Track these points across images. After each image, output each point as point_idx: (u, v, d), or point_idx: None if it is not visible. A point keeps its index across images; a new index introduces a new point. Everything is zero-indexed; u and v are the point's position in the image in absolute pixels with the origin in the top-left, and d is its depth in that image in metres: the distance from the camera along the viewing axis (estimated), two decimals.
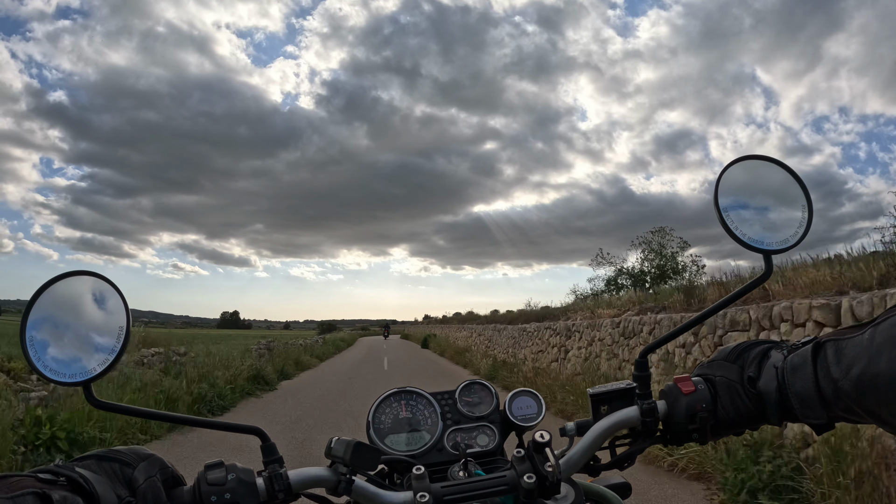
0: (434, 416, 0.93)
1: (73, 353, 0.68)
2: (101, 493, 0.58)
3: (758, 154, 0.76)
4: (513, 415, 0.92)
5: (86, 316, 0.70)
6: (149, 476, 0.63)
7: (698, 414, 0.72)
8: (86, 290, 0.70)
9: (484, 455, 0.90)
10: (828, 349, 0.64)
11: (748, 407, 0.71)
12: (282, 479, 0.68)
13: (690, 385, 0.74)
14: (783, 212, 0.75)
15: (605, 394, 0.79)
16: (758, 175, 0.76)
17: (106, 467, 0.63)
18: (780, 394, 0.68)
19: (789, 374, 0.67)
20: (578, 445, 0.77)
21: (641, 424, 0.76)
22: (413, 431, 0.91)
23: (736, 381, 0.72)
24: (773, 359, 0.71)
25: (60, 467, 0.58)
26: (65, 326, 0.69)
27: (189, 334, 28.38)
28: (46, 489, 0.53)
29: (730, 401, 0.72)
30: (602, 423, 0.76)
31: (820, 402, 0.64)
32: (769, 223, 0.74)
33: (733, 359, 0.74)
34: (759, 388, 0.70)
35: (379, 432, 0.91)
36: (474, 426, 0.93)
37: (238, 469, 0.66)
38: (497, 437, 0.92)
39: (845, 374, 0.61)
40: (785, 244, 0.73)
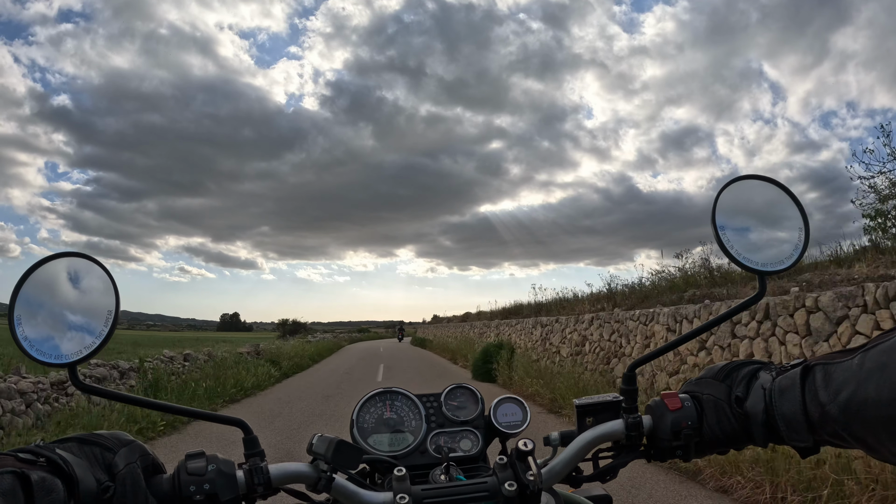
0: (418, 419, 0.92)
1: (60, 335, 0.67)
2: (80, 476, 0.58)
3: (756, 174, 0.76)
4: (497, 421, 0.92)
5: (75, 298, 0.69)
6: (129, 462, 0.63)
7: (683, 431, 0.72)
8: (76, 273, 0.70)
9: (466, 460, 0.89)
10: (817, 373, 0.64)
11: (734, 427, 0.71)
12: (262, 472, 0.67)
13: (677, 402, 0.74)
14: (779, 232, 0.75)
15: (591, 405, 0.78)
16: (755, 195, 0.76)
17: (87, 451, 0.63)
18: (767, 415, 0.68)
19: (777, 396, 0.67)
20: (561, 455, 0.76)
21: (626, 438, 0.76)
22: (396, 432, 0.91)
23: (723, 400, 0.72)
24: (762, 380, 0.71)
25: (41, 448, 0.58)
26: (53, 308, 0.68)
27: (181, 338, 27.40)
28: (26, 469, 0.53)
29: (716, 419, 0.72)
30: (586, 435, 0.76)
31: (806, 426, 0.64)
32: (765, 243, 0.74)
33: (722, 377, 0.74)
34: (745, 409, 0.70)
35: (362, 431, 0.90)
36: (458, 430, 0.92)
37: (219, 460, 0.66)
38: (480, 443, 0.91)
39: (833, 399, 0.61)
40: (780, 265, 0.73)
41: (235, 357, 14.70)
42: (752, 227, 0.75)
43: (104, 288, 0.69)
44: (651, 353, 0.79)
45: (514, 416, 0.93)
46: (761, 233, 0.75)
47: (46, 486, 0.54)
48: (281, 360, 16.37)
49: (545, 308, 16.36)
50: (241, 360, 14.41)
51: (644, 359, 0.79)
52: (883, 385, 0.55)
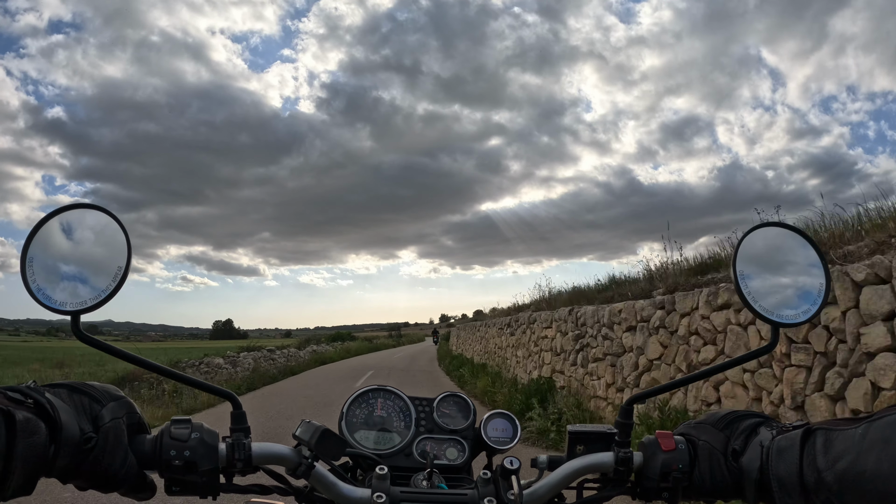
0: (408, 421, 0.92)
1: (67, 284, 0.68)
2: (64, 422, 0.58)
3: (781, 222, 0.76)
4: (487, 435, 0.91)
5: (88, 250, 0.70)
6: (115, 417, 0.63)
7: (673, 473, 0.71)
8: (93, 225, 0.70)
9: (451, 469, 0.88)
10: (818, 437, 0.62)
11: (726, 479, 0.69)
12: (244, 448, 0.67)
13: (671, 442, 0.72)
14: (799, 283, 0.74)
15: (584, 434, 0.77)
16: (781, 243, 0.75)
17: (76, 399, 0.63)
18: (762, 474, 0.66)
19: (774, 456, 0.65)
20: (546, 479, 0.75)
21: (614, 472, 0.74)
22: (384, 431, 0.91)
23: (719, 450, 0.71)
24: (762, 436, 0.69)
25: (31, 389, 0.58)
26: (65, 257, 0.69)
27: (168, 347, 26.94)
28: (12, 408, 0.53)
29: (708, 468, 0.70)
30: (574, 463, 0.75)
31: (800, 490, 0.62)
32: (784, 294, 0.73)
33: (721, 426, 0.73)
34: (741, 463, 0.69)
35: (351, 425, 0.90)
36: (446, 438, 0.91)
37: (203, 430, 0.66)
38: (466, 454, 0.90)
39: (830, 466, 0.59)
40: (795, 319, 0.72)
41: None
42: (772, 275, 0.74)
43: (118, 243, 0.70)
44: (652, 390, 0.78)
45: (503, 433, 0.91)
46: (781, 282, 0.74)
47: (30, 428, 0.54)
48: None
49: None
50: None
51: (644, 394, 0.77)
52: (883, 459, 0.53)
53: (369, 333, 78.31)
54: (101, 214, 0.70)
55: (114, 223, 0.70)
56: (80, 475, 0.61)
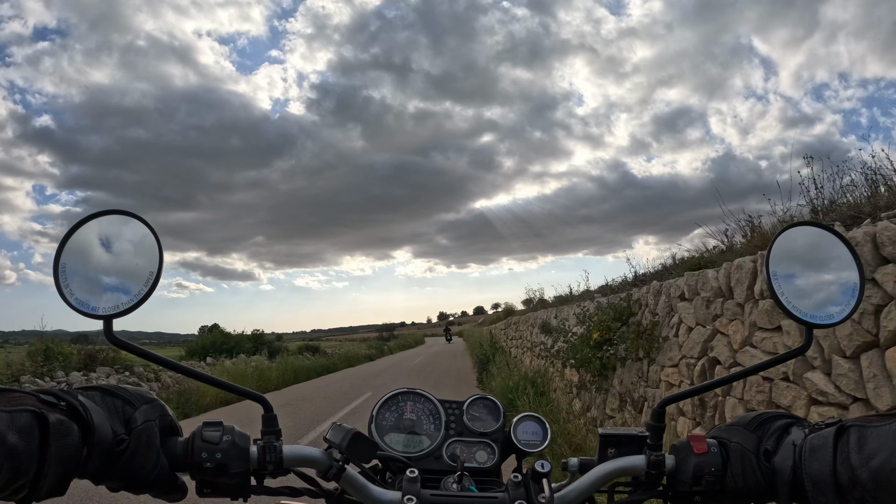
0: (437, 424, 0.91)
1: (100, 289, 0.68)
2: (97, 424, 0.58)
3: (813, 221, 0.75)
4: (517, 438, 0.90)
5: (120, 256, 0.71)
6: (147, 419, 0.64)
7: (705, 477, 0.70)
8: (124, 231, 0.71)
9: (481, 472, 0.88)
10: (851, 434, 0.61)
11: (759, 480, 0.68)
12: (275, 451, 0.67)
13: (703, 446, 0.71)
14: (833, 284, 0.73)
15: (616, 437, 0.76)
16: (814, 243, 0.74)
17: (109, 402, 0.64)
18: (795, 473, 0.65)
19: (807, 455, 0.64)
20: (577, 483, 0.74)
21: (646, 475, 0.74)
22: (414, 434, 0.90)
23: (751, 451, 0.70)
24: (794, 436, 0.68)
25: (64, 392, 0.59)
26: (98, 262, 0.70)
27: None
28: (45, 410, 0.54)
29: (741, 470, 0.69)
30: (606, 466, 0.74)
31: (834, 489, 0.61)
32: (817, 294, 0.72)
33: (753, 428, 0.72)
34: (773, 464, 0.68)
35: (381, 428, 0.90)
36: (476, 441, 0.91)
37: (235, 432, 0.66)
38: (496, 457, 0.90)
39: (865, 464, 0.58)
40: (829, 319, 0.71)
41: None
42: (804, 275, 0.73)
43: (149, 248, 0.70)
44: (684, 392, 0.77)
45: (534, 435, 0.91)
46: (814, 283, 0.73)
47: (63, 429, 0.55)
48: None
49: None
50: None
51: (676, 397, 0.77)
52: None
53: (365, 335, 72.06)
54: (132, 220, 0.71)
55: (145, 228, 0.71)
56: (113, 477, 0.62)
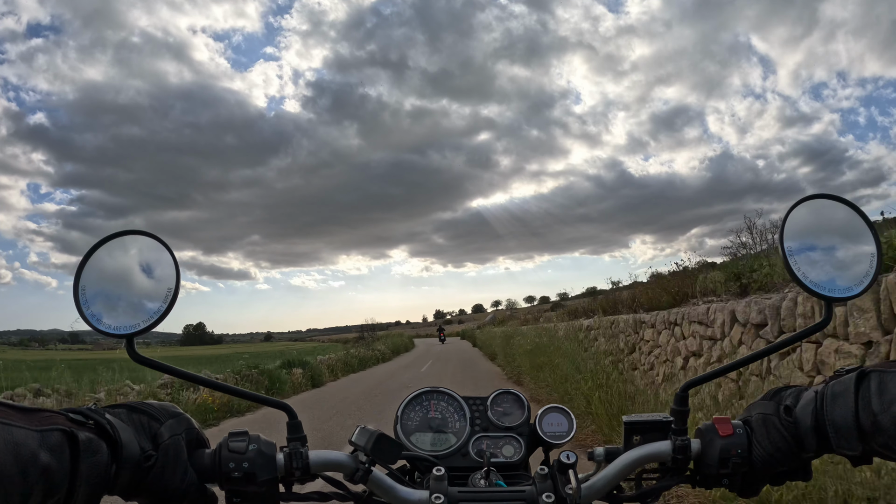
0: (462, 421, 0.91)
1: (120, 308, 0.70)
2: (125, 441, 0.59)
3: (825, 193, 0.73)
4: (542, 430, 0.90)
5: (137, 274, 0.73)
6: (174, 434, 0.65)
7: (732, 459, 0.69)
8: (141, 250, 0.73)
9: (508, 466, 0.87)
10: (872, 380, 0.62)
11: (784, 437, 0.68)
12: (302, 457, 0.68)
13: (729, 427, 0.71)
14: (849, 256, 0.72)
15: (640, 423, 0.76)
16: (827, 215, 0.73)
17: (135, 418, 0.65)
18: (817, 421, 0.65)
19: (829, 402, 0.65)
20: (604, 472, 0.74)
21: (672, 461, 0.73)
22: (439, 433, 0.90)
23: (772, 414, 0.70)
24: (813, 387, 0.68)
25: (92, 411, 0.60)
26: (116, 282, 0.72)
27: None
28: (74, 429, 0.55)
29: (765, 434, 0.69)
30: (632, 454, 0.74)
31: (857, 434, 0.62)
32: (834, 267, 0.71)
33: (770, 396, 0.72)
34: (795, 416, 0.68)
35: (406, 429, 0.90)
36: (502, 436, 0.91)
37: (261, 441, 0.67)
38: (523, 451, 0.89)
39: (886, 409, 0.59)
40: (848, 292, 0.70)
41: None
42: (820, 249, 0.72)
43: (165, 266, 0.72)
44: (707, 374, 0.76)
45: (559, 427, 0.90)
46: (830, 256, 0.72)
47: (92, 447, 0.56)
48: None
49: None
50: None
51: (699, 379, 0.76)
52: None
53: (348, 336, 63.61)
54: (147, 239, 0.73)
55: (160, 246, 0.73)
56: (142, 492, 0.63)
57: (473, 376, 15.08)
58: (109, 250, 0.72)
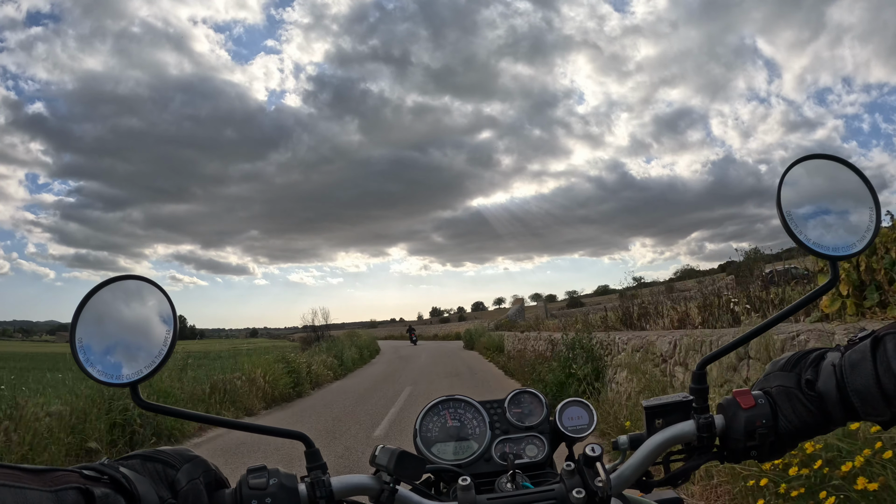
0: (482, 426, 0.90)
1: (120, 356, 0.69)
2: (142, 493, 0.58)
3: (821, 153, 0.72)
4: (563, 426, 0.88)
5: (134, 320, 0.71)
6: (192, 478, 0.63)
7: (757, 430, 0.69)
8: (134, 295, 0.72)
9: (533, 467, 0.86)
10: (887, 343, 0.62)
11: (809, 411, 0.68)
12: (324, 485, 0.67)
13: (750, 399, 0.70)
14: (848, 214, 0.71)
15: (660, 407, 0.75)
16: (822, 175, 0.72)
17: (150, 468, 0.63)
18: (840, 392, 0.65)
19: (848, 372, 0.65)
20: (631, 460, 0.73)
21: (697, 440, 0.72)
22: (461, 440, 0.89)
23: (794, 388, 0.69)
24: (830, 358, 0.68)
25: (105, 465, 0.58)
26: (113, 330, 0.70)
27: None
28: (90, 485, 0.53)
29: (790, 408, 0.69)
30: (656, 438, 0.73)
31: (882, 398, 0.62)
32: (834, 226, 0.71)
33: (790, 368, 0.72)
34: (818, 390, 0.67)
35: (426, 441, 0.89)
36: (523, 436, 0.89)
37: (280, 474, 0.65)
38: (546, 449, 0.88)
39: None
40: (850, 249, 0.70)
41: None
42: (818, 209, 0.72)
43: (162, 309, 0.71)
44: (722, 349, 0.75)
45: (579, 420, 0.89)
46: (829, 216, 0.72)
47: (109, 503, 0.54)
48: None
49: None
50: None
51: (715, 355, 0.75)
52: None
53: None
54: (138, 283, 0.72)
55: (153, 288, 0.71)
56: None
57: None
58: (102, 298, 0.71)
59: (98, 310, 0.70)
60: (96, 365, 0.67)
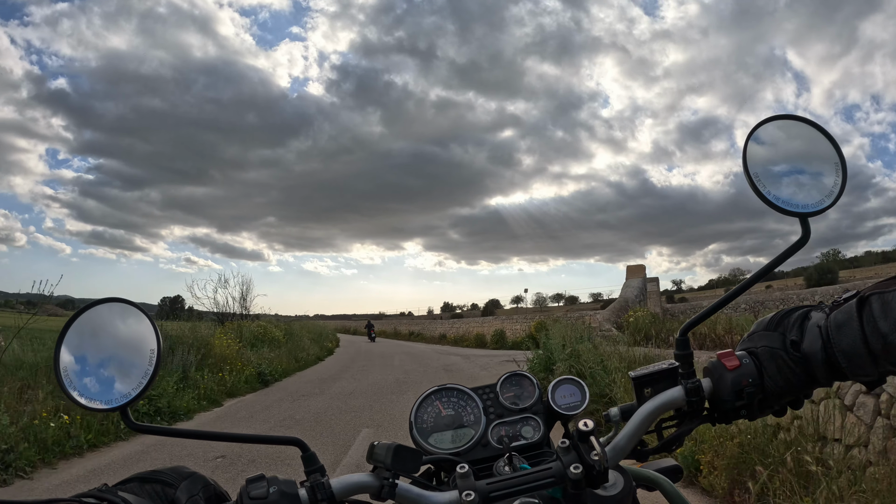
0: (477, 412, 0.91)
1: (106, 380, 0.69)
2: None
3: (787, 114, 0.73)
4: (556, 404, 0.90)
5: (117, 342, 0.71)
6: (191, 495, 0.63)
7: (745, 389, 0.70)
8: (116, 317, 0.72)
9: (530, 447, 0.88)
10: (873, 303, 0.62)
11: (795, 372, 0.69)
12: (324, 488, 0.67)
13: (735, 360, 0.72)
14: (815, 173, 0.72)
15: (648, 376, 0.76)
16: (788, 135, 0.73)
17: (148, 489, 0.63)
18: (827, 353, 0.66)
19: (834, 332, 0.65)
20: (624, 431, 0.75)
21: (687, 405, 0.74)
22: (457, 428, 0.90)
23: (779, 348, 0.70)
24: (815, 319, 0.69)
25: (103, 491, 0.58)
26: (97, 354, 0.70)
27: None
28: None
29: (776, 369, 0.70)
30: (647, 407, 0.74)
31: (869, 358, 0.62)
32: (802, 185, 0.72)
33: (773, 327, 0.72)
34: (803, 351, 0.68)
35: (422, 432, 0.90)
36: (518, 419, 0.91)
37: (279, 481, 0.66)
38: (542, 429, 0.90)
39: (894, 328, 0.59)
40: (819, 205, 0.70)
41: None
42: (785, 169, 0.72)
43: (145, 329, 0.71)
44: (702, 314, 0.76)
45: (572, 398, 0.91)
46: (796, 175, 0.72)
47: None
48: None
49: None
50: None
51: (696, 320, 0.76)
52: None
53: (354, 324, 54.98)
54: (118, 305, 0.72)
55: (133, 309, 0.71)
56: None
57: None
58: (84, 323, 0.71)
59: (81, 335, 0.70)
60: (84, 392, 0.67)
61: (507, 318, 21.37)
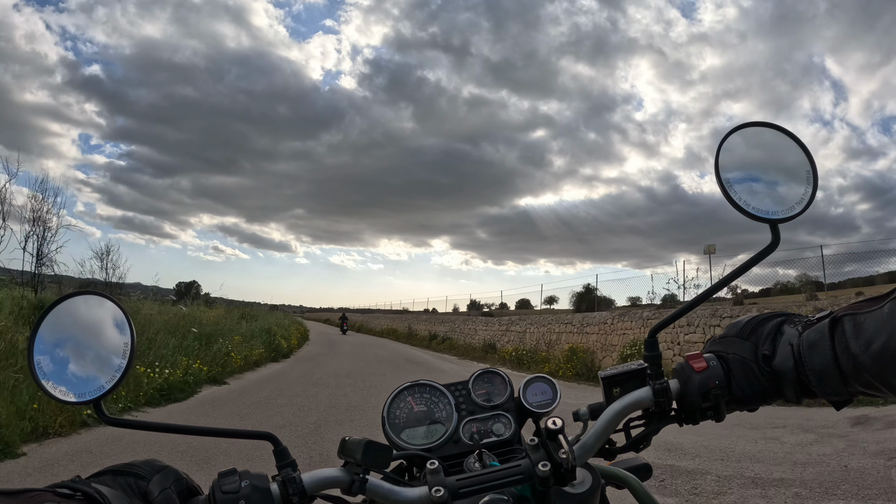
0: (449, 408, 0.92)
1: (80, 373, 0.69)
2: None
3: (759, 121, 0.74)
4: (528, 402, 0.91)
5: (91, 335, 0.71)
6: (163, 488, 0.64)
7: (712, 391, 0.71)
8: (90, 310, 0.71)
9: (501, 444, 0.89)
10: (845, 324, 0.63)
11: (763, 385, 0.70)
12: (295, 482, 0.68)
13: (702, 362, 0.73)
14: (788, 180, 0.73)
15: (617, 376, 0.78)
16: (760, 143, 0.74)
17: (121, 482, 0.64)
18: (798, 372, 0.67)
19: (806, 351, 0.66)
20: (592, 430, 0.76)
21: (655, 405, 0.75)
22: (429, 424, 0.91)
23: (750, 360, 0.71)
24: (788, 335, 0.70)
25: (77, 483, 0.59)
26: (71, 346, 0.70)
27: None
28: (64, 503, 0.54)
29: (745, 378, 0.71)
30: (615, 406, 0.76)
31: (839, 378, 0.63)
32: (774, 192, 0.72)
33: (746, 335, 0.73)
34: (774, 367, 0.69)
35: (395, 427, 0.90)
36: (490, 416, 0.91)
37: (251, 475, 0.66)
38: (513, 426, 0.91)
39: (865, 350, 0.60)
40: (790, 212, 0.71)
41: None
42: (758, 176, 0.73)
43: (119, 322, 0.71)
44: (670, 316, 0.77)
45: (544, 396, 0.92)
46: (768, 182, 0.73)
47: None
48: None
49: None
50: None
51: (664, 322, 0.77)
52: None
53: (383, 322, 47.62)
54: (92, 297, 0.71)
55: (107, 301, 0.71)
56: None
57: None
58: (58, 316, 0.70)
59: (54, 329, 0.69)
60: (58, 385, 0.67)
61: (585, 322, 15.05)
